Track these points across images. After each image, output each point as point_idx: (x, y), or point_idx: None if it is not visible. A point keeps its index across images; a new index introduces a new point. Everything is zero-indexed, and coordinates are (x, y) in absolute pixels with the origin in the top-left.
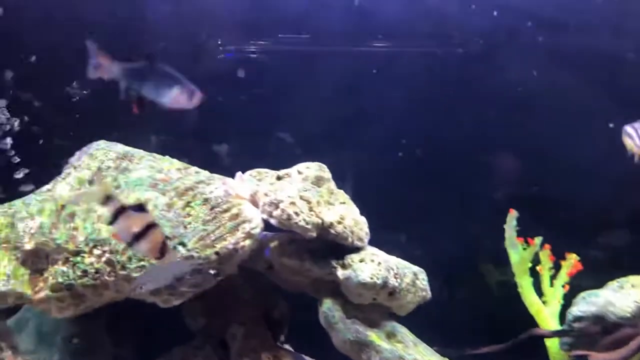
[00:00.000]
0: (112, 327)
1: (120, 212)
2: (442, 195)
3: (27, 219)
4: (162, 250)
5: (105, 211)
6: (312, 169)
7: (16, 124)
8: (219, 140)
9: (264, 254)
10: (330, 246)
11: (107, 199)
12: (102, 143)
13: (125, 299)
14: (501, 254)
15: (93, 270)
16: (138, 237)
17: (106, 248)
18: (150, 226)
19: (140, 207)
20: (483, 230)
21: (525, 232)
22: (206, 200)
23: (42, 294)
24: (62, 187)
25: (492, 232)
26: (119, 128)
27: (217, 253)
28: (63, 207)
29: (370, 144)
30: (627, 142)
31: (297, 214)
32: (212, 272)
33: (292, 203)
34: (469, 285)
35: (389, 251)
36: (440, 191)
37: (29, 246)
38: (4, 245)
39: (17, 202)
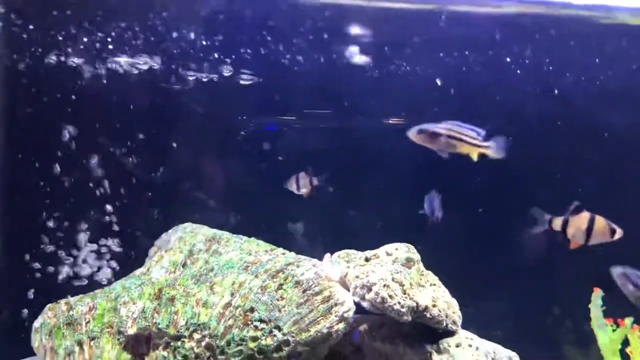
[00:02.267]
0: None
1: None
2: (518, 270)
3: (129, 303)
4: None
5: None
6: (401, 250)
7: None
8: (293, 219)
9: (352, 337)
10: (422, 329)
11: None
12: (188, 226)
13: None
14: (584, 334)
15: (193, 356)
16: None
17: (206, 332)
18: None
19: None
20: (564, 310)
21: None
22: (298, 282)
23: None
24: (157, 271)
25: (574, 312)
26: (199, 210)
27: (312, 337)
28: (160, 290)
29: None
30: None
31: (391, 297)
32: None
33: (386, 286)
34: None
35: (465, 326)
36: (518, 264)
37: (131, 331)
38: (108, 329)
39: (117, 287)
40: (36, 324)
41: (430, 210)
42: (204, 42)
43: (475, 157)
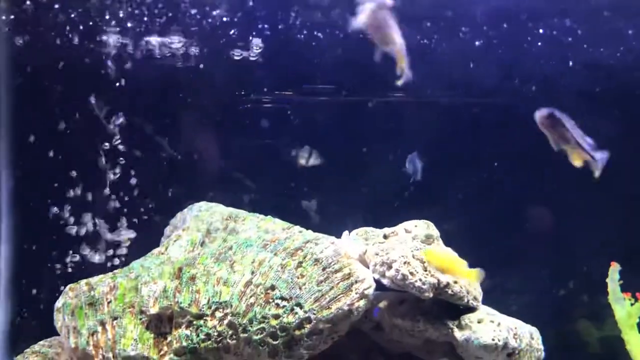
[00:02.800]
0: None
1: None
2: (534, 245)
3: (150, 282)
4: None
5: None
6: (421, 227)
7: None
8: (308, 196)
9: (372, 314)
10: (443, 306)
11: None
12: (203, 204)
13: None
14: (599, 308)
15: (215, 334)
16: None
17: (227, 310)
18: None
19: None
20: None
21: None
22: (317, 260)
23: (166, 358)
24: (175, 250)
25: (589, 286)
26: (213, 188)
27: (333, 314)
28: (180, 269)
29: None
30: None
31: (412, 274)
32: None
33: (406, 263)
34: (565, 341)
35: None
36: (532, 241)
37: (153, 310)
38: (130, 309)
39: (136, 266)
40: (58, 304)
41: (412, 170)
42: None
43: (578, 164)
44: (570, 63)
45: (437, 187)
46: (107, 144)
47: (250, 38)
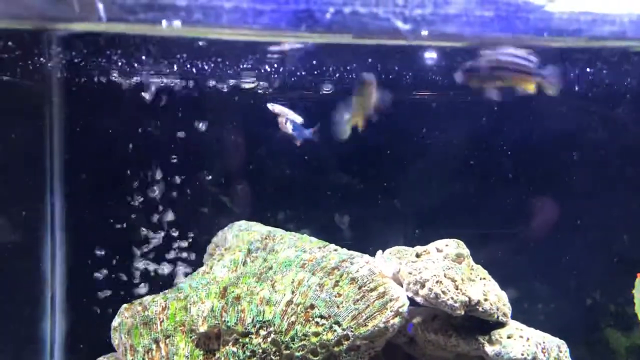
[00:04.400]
0: None
1: None
2: (561, 254)
3: (199, 302)
4: None
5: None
6: (451, 246)
7: None
8: (340, 211)
9: (406, 329)
10: (473, 321)
11: None
12: (243, 223)
13: None
14: (627, 318)
15: (260, 351)
16: None
17: (271, 329)
18: None
19: None
20: (606, 293)
21: None
22: (353, 279)
23: None
24: (219, 269)
25: (615, 296)
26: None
27: (370, 331)
28: (225, 289)
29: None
30: None
31: (444, 292)
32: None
33: (439, 282)
34: (593, 350)
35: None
36: (559, 250)
37: (202, 329)
38: (181, 328)
39: (184, 286)
40: (114, 323)
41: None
42: None
43: (531, 89)
44: None
45: (464, 198)
46: (159, 159)
47: None
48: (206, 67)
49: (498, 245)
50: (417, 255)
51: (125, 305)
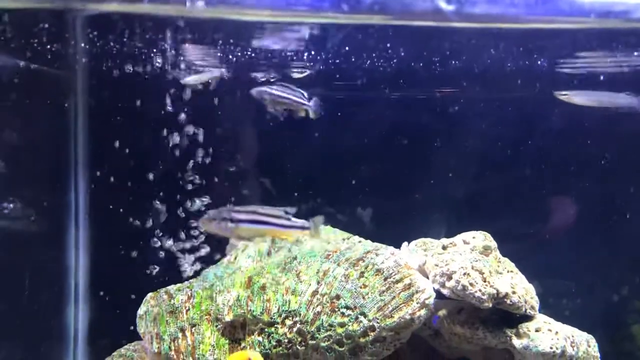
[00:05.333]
0: None
1: None
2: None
3: (224, 292)
4: None
5: None
6: (479, 238)
7: None
8: (363, 204)
9: (431, 322)
10: (500, 314)
11: None
12: None
13: None
14: None
15: (286, 340)
16: None
17: (297, 319)
18: None
19: None
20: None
21: None
22: (379, 270)
23: None
24: (244, 259)
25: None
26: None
27: (396, 323)
28: (250, 279)
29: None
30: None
31: (472, 284)
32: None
33: (466, 274)
34: (619, 347)
35: None
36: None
37: (228, 318)
38: (206, 317)
39: (210, 275)
40: (140, 311)
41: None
42: None
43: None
44: None
45: (490, 193)
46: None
47: None
48: (244, 51)
49: (523, 239)
50: (444, 247)
51: (150, 294)
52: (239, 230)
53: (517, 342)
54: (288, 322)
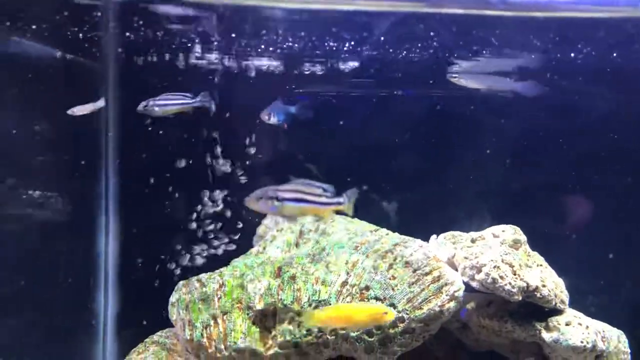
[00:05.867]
0: None
1: None
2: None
3: (255, 281)
4: None
5: None
6: (508, 232)
7: None
8: (388, 197)
9: (459, 314)
10: (529, 307)
11: None
12: None
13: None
14: None
15: (316, 330)
16: None
17: None
18: None
19: None
20: None
21: None
22: (407, 262)
23: (271, 351)
24: (272, 250)
25: None
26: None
27: (425, 314)
28: (280, 269)
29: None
30: None
31: (502, 277)
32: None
33: (496, 267)
34: None
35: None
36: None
37: (259, 306)
38: (237, 305)
39: (240, 265)
40: (172, 299)
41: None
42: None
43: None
44: None
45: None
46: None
47: None
48: (287, 41)
49: (549, 236)
50: (472, 241)
51: (182, 282)
52: (283, 208)
53: (546, 336)
54: None
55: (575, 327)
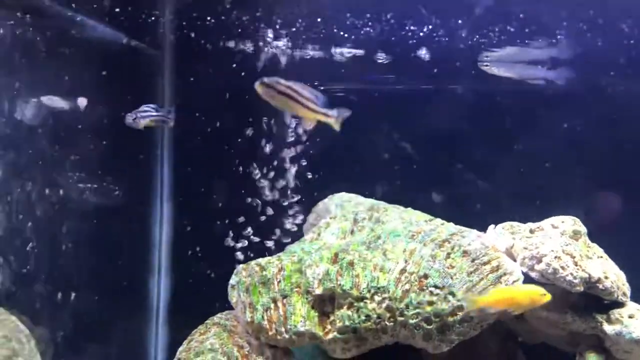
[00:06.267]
0: None
1: None
2: None
3: (313, 266)
4: None
5: None
6: (568, 222)
7: None
8: (438, 189)
9: None
10: (589, 299)
11: None
12: (344, 195)
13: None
14: None
15: (375, 315)
16: None
17: (385, 295)
18: None
19: None
20: None
21: None
22: (465, 252)
23: (330, 335)
24: (328, 236)
25: None
26: (347, 179)
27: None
28: (336, 255)
29: None
30: None
31: (563, 268)
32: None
33: (557, 257)
34: None
35: None
36: None
37: (318, 291)
38: (296, 289)
39: (297, 250)
40: (232, 281)
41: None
42: None
43: (310, 124)
44: None
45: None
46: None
47: None
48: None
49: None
50: (531, 231)
51: (242, 265)
52: (275, 99)
53: (608, 328)
54: (377, 298)
55: (639, 320)
